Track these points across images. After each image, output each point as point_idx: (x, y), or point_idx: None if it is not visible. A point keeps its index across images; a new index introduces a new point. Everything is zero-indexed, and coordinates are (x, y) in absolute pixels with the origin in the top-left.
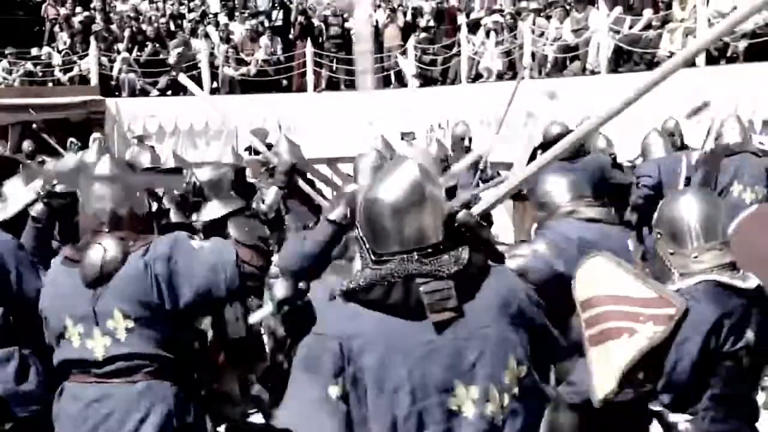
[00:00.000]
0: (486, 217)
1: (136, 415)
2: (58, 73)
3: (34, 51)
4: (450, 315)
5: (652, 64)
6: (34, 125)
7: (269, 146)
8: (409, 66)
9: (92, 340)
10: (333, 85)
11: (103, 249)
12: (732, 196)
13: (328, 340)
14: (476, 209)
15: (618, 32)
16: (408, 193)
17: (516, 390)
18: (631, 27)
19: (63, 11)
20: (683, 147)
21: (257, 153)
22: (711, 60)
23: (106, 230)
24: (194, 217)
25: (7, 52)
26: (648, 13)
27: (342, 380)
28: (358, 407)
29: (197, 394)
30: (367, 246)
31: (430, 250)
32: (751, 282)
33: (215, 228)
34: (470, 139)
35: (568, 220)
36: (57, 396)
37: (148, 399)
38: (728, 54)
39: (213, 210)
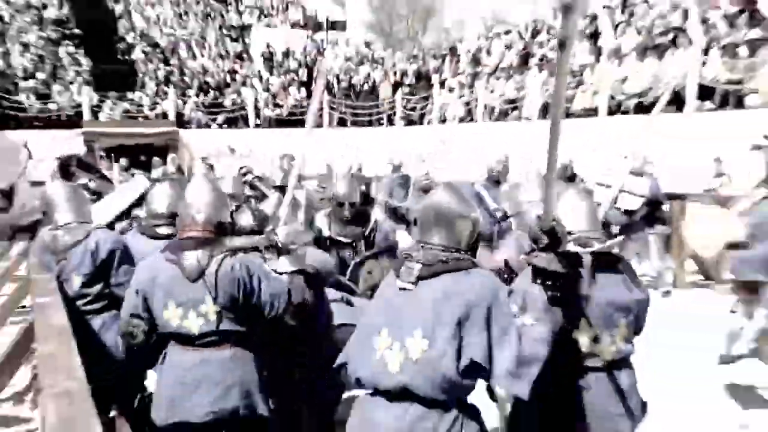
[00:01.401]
0: None
1: (228, 375)
2: (147, 111)
3: (130, 95)
4: (406, 285)
5: (569, 116)
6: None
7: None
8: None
9: (188, 320)
10: (342, 122)
11: (197, 256)
12: None
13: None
14: None
15: (548, 90)
16: (438, 209)
17: (415, 356)
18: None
19: (151, 66)
20: None
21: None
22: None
23: (200, 232)
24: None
25: (110, 95)
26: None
27: None
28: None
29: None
30: (416, 234)
31: (450, 252)
32: None
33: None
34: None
35: None
36: (161, 360)
37: (235, 363)
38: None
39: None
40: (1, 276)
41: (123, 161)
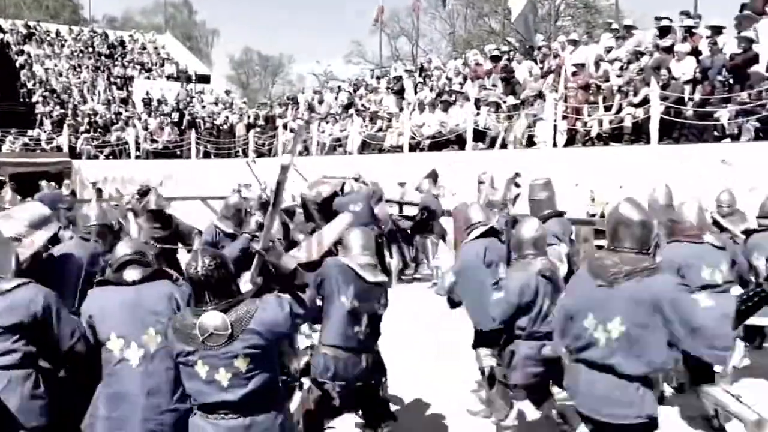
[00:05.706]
0: None
1: None
2: (44, 145)
3: (30, 132)
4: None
5: (381, 151)
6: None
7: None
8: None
9: None
10: (207, 155)
11: None
12: None
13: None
14: None
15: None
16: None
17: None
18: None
19: (48, 108)
20: None
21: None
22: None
23: None
24: None
25: (11, 131)
26: None
27: None
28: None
29: None
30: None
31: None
32: None
33: None
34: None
35: None
36: None
37: None
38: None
39: None
40: None
41: (11, 185)
